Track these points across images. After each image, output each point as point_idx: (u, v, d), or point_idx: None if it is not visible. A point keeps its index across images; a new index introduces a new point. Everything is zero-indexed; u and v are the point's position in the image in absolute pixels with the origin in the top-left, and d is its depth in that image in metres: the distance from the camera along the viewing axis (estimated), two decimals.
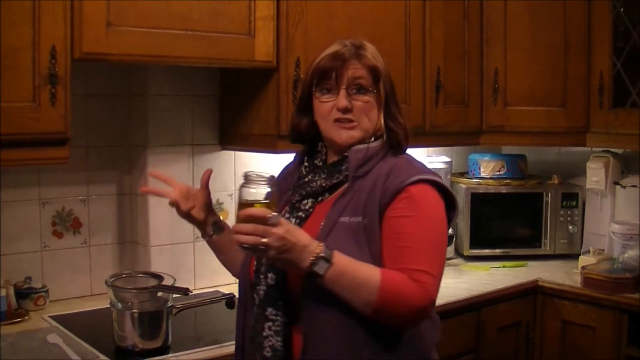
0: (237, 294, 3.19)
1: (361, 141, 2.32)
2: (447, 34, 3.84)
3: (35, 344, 2.77)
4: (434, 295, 2.16)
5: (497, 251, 4.23)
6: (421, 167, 2.31)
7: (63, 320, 3.05)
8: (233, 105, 3.52)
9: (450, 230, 3.95)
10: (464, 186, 4.24)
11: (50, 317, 3.09)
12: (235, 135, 3.53)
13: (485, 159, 4.35)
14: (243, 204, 2.16)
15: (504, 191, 4.27)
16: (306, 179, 2.41)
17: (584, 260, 3.90)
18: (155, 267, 3.36)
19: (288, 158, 3.74)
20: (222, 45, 3.04)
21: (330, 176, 2.35)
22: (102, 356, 2.64)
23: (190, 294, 2.81)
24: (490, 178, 4.30)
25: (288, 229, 2.10)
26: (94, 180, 3.42)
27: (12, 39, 2.54)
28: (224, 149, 3.63)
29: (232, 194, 3.68)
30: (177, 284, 2.78)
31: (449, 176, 4.27)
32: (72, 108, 2.71)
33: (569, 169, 4.50)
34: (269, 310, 2.27)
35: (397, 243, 2.19)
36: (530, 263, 4.15)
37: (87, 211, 3.41)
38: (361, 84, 2.31)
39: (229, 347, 2.74)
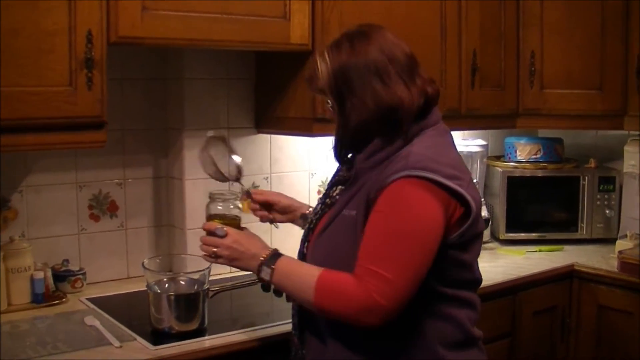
0: None
1: None
2: (483, 17, 3.81)
3: (73, 325, 2.79)
4: (381, 298, 2.06)
5: (533, 235, 4.21)
6: (416, 161, 2.15)
7: (100, 302, 3.08)
8: (268, 88, 3.52)
9: (485, 214, 3.94)
10: (500, 169, 4.23)
11: (87, 299, 3.12)
12: (270, 118, 3.53)
13: (522, 142, 4.33)
14: (207, 219, 2.56)
15: (540, 175, 4.24)
16: (339, 167, 2.48)
17: (621, 244, 3.87)
18: (191, 250, 3.37)
19: (323, 141, 3.76)
20: (257, 29, 3.03)
21: (351, 167, 2.35)
22: (138, 338, 2.65)
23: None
24: (527, 161, 4.28)
25: (236, 239, 2.40)
26: (130, 164, 3.44)
27: (49, 24, 2.55)
28: (259, 132, 3.63)
29: (267, 177, 3.69)
30: (213, 267, 2.79)
31: (485, 159, 4.25)
32: (108, 92, 2.72)
33: (606, 152, 4.47)
34: None
35: (365, 240, 2.15)
36: (567, 247, 4.13)
37: (123, 194, 3.43)
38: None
39: (265, 330, 2.76)
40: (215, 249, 2.40)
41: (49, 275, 3.11)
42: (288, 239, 3.65)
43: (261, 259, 2.31)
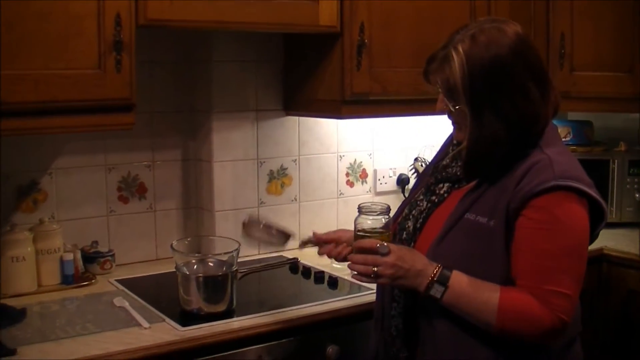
0: (300, 259, 3.22)
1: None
2: None
3: (102, 307, 2.82)
4: (566, 316, 2.06)
5: None
6: (562, 170, 2.12)
7: (129, 284, 3.10)
8: (297, 70, 3.52)
9: None
10: None
11: (116, 280, 3.14)
12: (299, 100, 3.53)
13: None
14: (357, 235, 2.28)
15: None
16: (444, 162, 2.36)
17: None
18: (219, 232, 3.38)
19: (352, 123, 3.76)
20: (286, 11, 3.02)
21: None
22: (167, 319, 2.66)
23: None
24: None
25: (400, 256, 2.16)
26: (158, 146, 3.45)
27: (77, 7, 2.56)
28: (288, 114, 3.63)
29: (295, 159, 3.69)
30: (242, 250, 2.80)
31: None
32: (137, 74, 2.72)
33: (636, 135, 4.42)
34: (395, 291, 2.32)
35: (530, 259, 2.09)
36: None
37: (152, 176, 3.45)
38: (443, 93, 2.21)
39: (292, 312, 2.76)
40: (375, 269, 2.17)
41: (78, 256, 3.13)
42: (316, 220, 3.66)
43: (431, 276, 2.13)
